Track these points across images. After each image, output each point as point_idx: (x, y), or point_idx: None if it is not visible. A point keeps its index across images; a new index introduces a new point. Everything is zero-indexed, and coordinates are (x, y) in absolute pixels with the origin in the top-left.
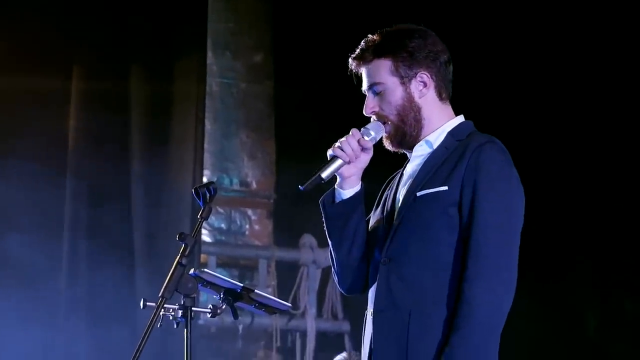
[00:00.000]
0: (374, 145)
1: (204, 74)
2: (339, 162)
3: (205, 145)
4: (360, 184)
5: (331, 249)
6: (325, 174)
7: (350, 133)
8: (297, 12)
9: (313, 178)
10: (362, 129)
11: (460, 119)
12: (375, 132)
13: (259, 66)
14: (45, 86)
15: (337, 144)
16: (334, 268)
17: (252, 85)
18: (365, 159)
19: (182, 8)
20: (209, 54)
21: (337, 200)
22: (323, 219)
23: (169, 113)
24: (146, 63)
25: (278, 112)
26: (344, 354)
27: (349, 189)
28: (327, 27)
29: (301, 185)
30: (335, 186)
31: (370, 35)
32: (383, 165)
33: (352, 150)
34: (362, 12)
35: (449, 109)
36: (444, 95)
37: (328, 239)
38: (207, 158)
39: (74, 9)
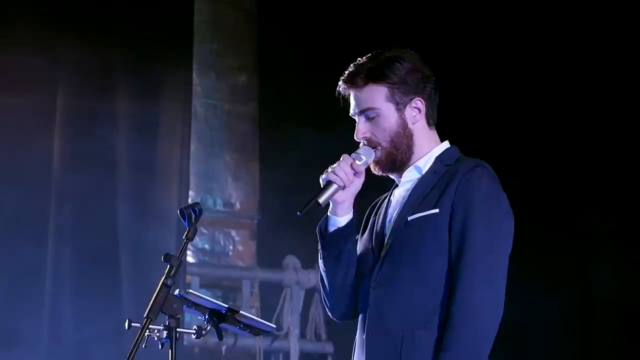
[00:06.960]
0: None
1: (189, 95)
2: (334, 187)
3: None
4: (352, 210)
5: (324, 275)
6: (322, 200)
7: (342, 158)
8: (281, 33)
9: (310, 204)
10: (352, 154)
11: (447, 144)
12: (366, 156)
13: (243, 87)
14: (30, 105)
15: (330, 169)
16: (327, 295)
17: (236, 106)
18: (358, 183)
19: (167, 28)
20: (193, 75)
21: (333, 228)
22: (319, 246)
23: (154, 134)
24: (131, 83)
25: (262, 133)
26: None
27: (342, 215)
28: (311, 48)
29: (299, 212)
30: (329, 213)
31: (360, 59)
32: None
33: (346, 175)
34: (346, 34)
35: (435, 135)
36: (431, 121)
37: (322, 266)
38: (191, 179)
39: (59, 29)
